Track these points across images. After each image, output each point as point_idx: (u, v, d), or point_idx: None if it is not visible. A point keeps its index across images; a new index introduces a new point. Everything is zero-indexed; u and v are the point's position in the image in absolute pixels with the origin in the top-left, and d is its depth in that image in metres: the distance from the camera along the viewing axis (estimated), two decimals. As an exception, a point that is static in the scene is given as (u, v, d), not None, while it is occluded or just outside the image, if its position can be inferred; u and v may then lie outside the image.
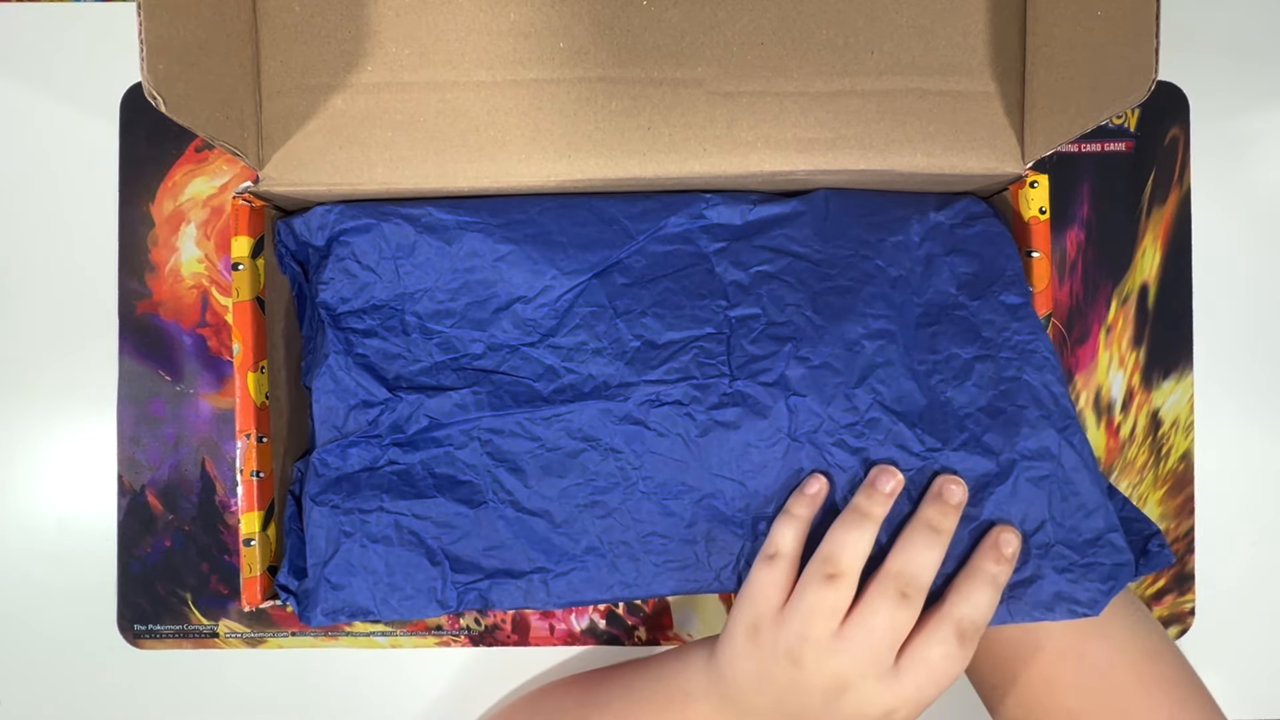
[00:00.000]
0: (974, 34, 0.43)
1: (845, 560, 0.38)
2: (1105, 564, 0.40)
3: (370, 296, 0.44)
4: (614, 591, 0.42)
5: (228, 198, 0.52)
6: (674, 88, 0.43)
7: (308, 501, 0.42)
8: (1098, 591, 0.40)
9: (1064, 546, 0.41)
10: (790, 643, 0.38)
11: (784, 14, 0.43)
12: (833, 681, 0.37)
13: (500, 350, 0.43)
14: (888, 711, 0.37)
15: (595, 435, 0.42)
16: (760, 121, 0.43)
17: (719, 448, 0.41)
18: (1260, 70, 0.53)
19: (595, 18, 0.43)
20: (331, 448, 0.42)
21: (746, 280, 0.43)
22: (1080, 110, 0.38)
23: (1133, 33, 0.34)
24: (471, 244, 0.43)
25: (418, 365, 0.43)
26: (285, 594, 0.42)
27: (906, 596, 0.37)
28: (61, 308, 0.52)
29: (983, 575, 0.38)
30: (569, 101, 0.43)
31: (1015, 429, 0.41)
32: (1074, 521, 0.41)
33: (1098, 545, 0.41)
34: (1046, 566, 0.40)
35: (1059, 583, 0.40)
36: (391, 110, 0.43)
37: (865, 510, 0.39)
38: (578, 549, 0.42)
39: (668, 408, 0.42)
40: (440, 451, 0.42)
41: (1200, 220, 0.53)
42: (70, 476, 0.52)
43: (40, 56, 0.52)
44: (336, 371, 0.43)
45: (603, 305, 0.43)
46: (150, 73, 0.34)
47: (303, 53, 0.43)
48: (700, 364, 0.42)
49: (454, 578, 0.41)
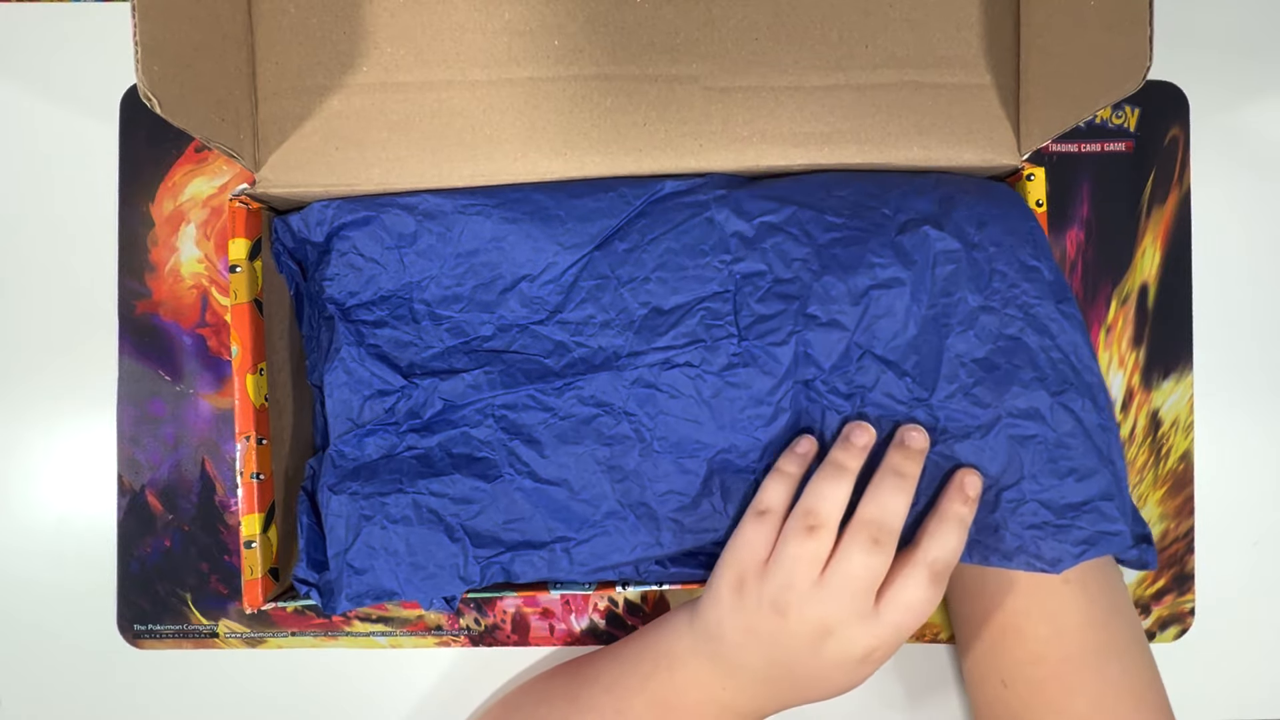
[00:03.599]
0: (968, 26, 0.43)
1: (824, 511, 0.39)
2: (1085, 529, 0.41)
3: (377, 288, 0.44)
4: (636, 553, 0.42)
5: (228, 198, 0.52)
6: (669, 84, 0.43)
7: (325, 493, 0.42)
8: (1065, 552, 0.41)
9: (1039, 504, 0.41)
10: (775, 594, 0.39)
11: (778, 9, 0.43)
12: (816, 627, 0.39)
13: (510, 330, 0.44)
14: (869, 651, 0.39)
15: (608, 400, 0.42)
16: (756, 117, 0.43)
17: (730, 405, 0.42)
18: (1261, 70, 0.53)
19: (590, 15, 0.43)
20: (348, 438, 0.43)
21: (750, 232, 0.43)
22: (1076, 101, 0.38)
23: (1126, 21, 0.34)
24: (472, 227, 0.43)
25: (430, 351, 0.44)
26: (305, 587, 0.43)
27: (878, 542, 0.38)
28: (61, 308, 0.52)
29: (950, 516, 0.40)
30: (564, 99, 0.43)
31: (1005, 386, 0.41)
32: (1057, 484, 0.41)
33: (1081, 510, 0.41)
34: (1013, 520, 0.41)
35: (1022, 537, 0.41)
36: (387, 110, 0.43)
37: (841, 463, 0.40)
38: (597, 514, 0.42)
39: (678, 370, 0.42)
40: (456, 432, 0.43)
41: (1200, 220, 0.53)
42: (70, 476, 0.52)
43: (40, 56, 0.53)
44: (349, 364, 0.43)
45: (606, 276, 0.43)
46: (145, 75, 0.34)
47: (298, 54, 0.43)
48: (708, 326, 0.42)
49: (475, 552, 0.42)
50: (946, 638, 0.53)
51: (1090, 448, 0.41)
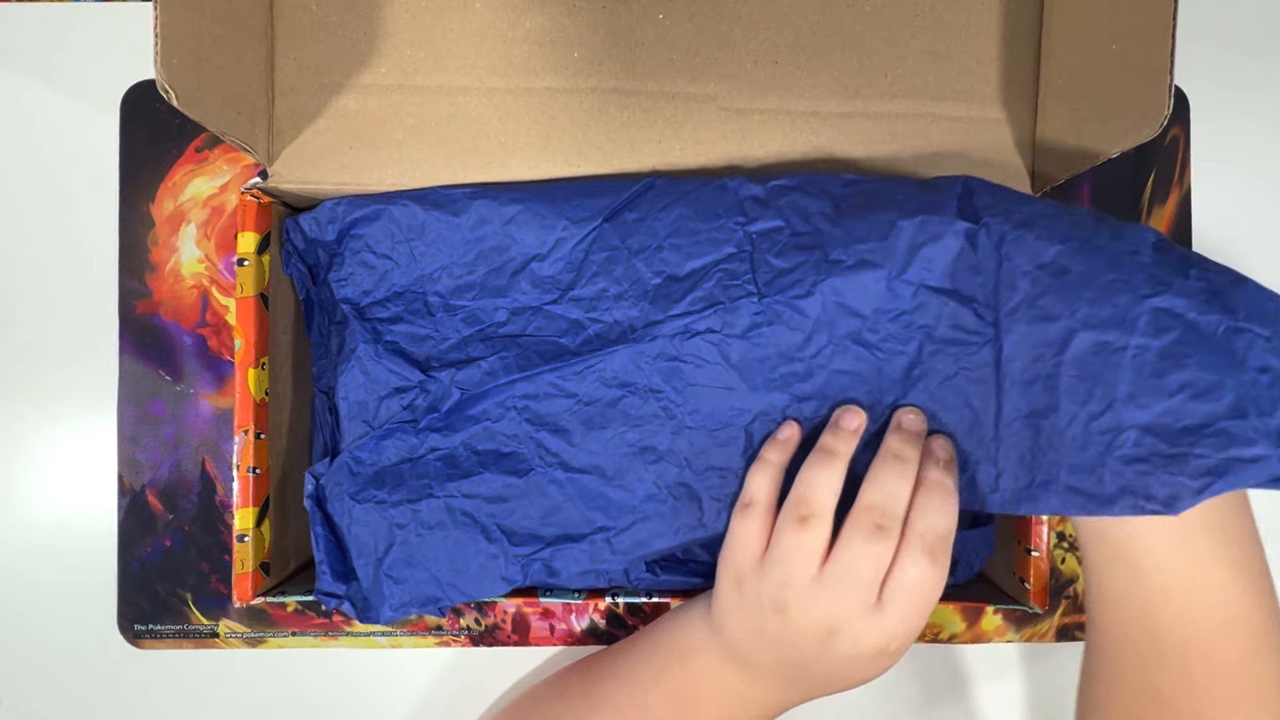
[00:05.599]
0: (987, 62, 0.43)
1: (817, 500, 0.37)
2: (1207, 456, 0.33)
3: (391, 284, 0.43)
4: (681, 536, 0.41)
5: (228, 198, 0.52)
6: (686, 102, 0.43)
7: (346, 501, 0.42)
8: (1181, 487, 0.33)
9: (1141, 431, 0.34)
10: (773, 591, 0.37)
11: (799, 34, 0.43)
12: (820, 625, 0.37)
13: (524, 313, 0.43)
14: (879, 649, 0.37)
15: (631, 379, 0.41)
16: (771, 140, 0.43)
17: (760, 366, 0.39)
18: (1261, 70, 0.53)
19: (610, 29, 0.43)
20: (363, 443, 0.42)
21: (763, 194, 0.41)
22: (1092, 142, 0.39)
23: (1148, 68, 0.35)
24: (479, 211, 0.43)
25: (447, 343, 0.43)
26: (333, 600, 0.42)
27: (881, 528, 0.36)
28: (61, 308, 0.52)
29: (928, 485, 0.37)
30: (581, 111, 0.43)
31: (1078, 292, 0.35)
32: (1166, 402, 0.34)
33: (1201, 434, 0.34)
34: (1111, 456, 0.34)
35: (1124, 474, 0.34)
36: (403, 112, 0.43)
37: (832, 449, 0.38)
38: (635, 499, 0.41)
39: (699, 338, 0.40)
40: (479, 429, 0.42)
41: (1200, 220, 0.53)
42: (70, 476, 0.52)
43: (40, 56, 0.51)
44: (366, 363, 0.42)
45: (617, 248, 0.42)
46: (164, 67, 0.34)
47: (317, 51, 0.43)
48: (725, 287, 0.40)
49: (514, 551, 0.41)
50: (947, 638, 0.54)
51: (1209, 354, 0.34)
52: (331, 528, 0.43)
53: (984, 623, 0.53)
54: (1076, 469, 0.35)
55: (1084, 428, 0.35)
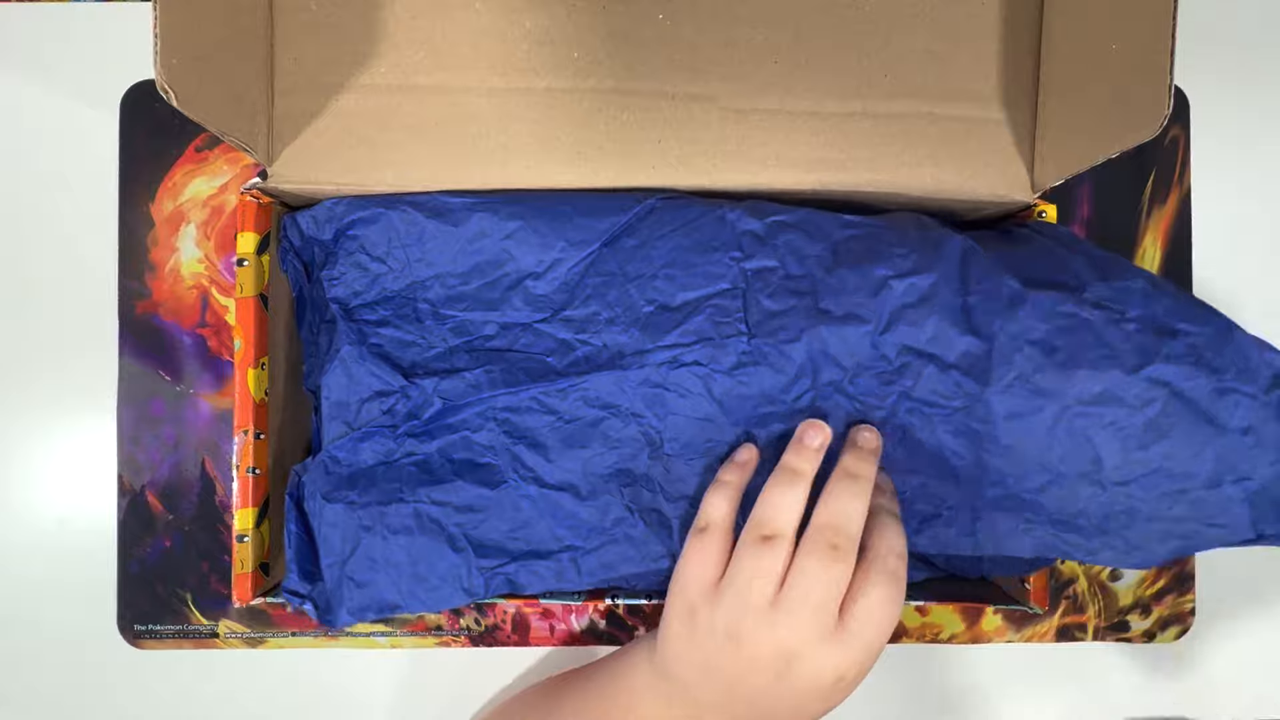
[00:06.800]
0: (987, 61, 0.43)
1: (779, 521, 0.36)
2: (1185, 520, 0.37)
3: (382, 288, 0.43)
4: (648, 564, 0.41)
5: (228, 198, 0.52)
6: (686, 102, 0.43)
7: (318, 501, 0.41)
8: (1152, 551, 0.37)
9: (1122, 492, 0.37)
10: (728, 619, 0.36)
11: (799, 34, 0.43)
12: (776, 653, 0.35)
13: (513, 329, 0.43)
14: (839, 676, 0.35)
15: (614, 402, 0.41)
16: (771, 139, 0.43)
17: (742, 404, 0.40)
18: (1261, 70, 0.53)
19: (610, 30, 0.43)
20: (342, 443, 0.42)
21: (761, 230, 0.42)
22: (1091, 142, 0.38)
23: (1147, 68, 0.35)
24: (479, 224, 0.43)
25: (432, 351, 0.43)
26: (297, 599, 0.42)
27: (837, 548, 0.35)
28: (61, 308, 0.52)
29: (879, 510, 0.37)
30: (580, 111, 0.43)
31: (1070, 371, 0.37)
32: (1147, 472, 0.36)
33: (1178, 499, 0.37)
34: (1090, 509, 0.37)
35: (1106, 527, 0.37)
36: (403, 112, 0.43)
37: (794, 468, 0.37)
38: (606, 521, 0.41)
39: (685, 369, 0.40)
40: (457, 437, 0.42)
41: (1200, 220, 0.53)
42: (70, 476, 0.52)
43: (40, 56, 0.52)
44: (350, 364, 0.42)
45: (613, 273, 0.42)
46: (164, 67, 0.34)
47: (317, 51, 0.43)
48: (716, 323, 0.40)
49: (479, 563, 0.41)
50: (947, 638, 0.54)
51: (1192, 424, 0.36)
52: (305, 526, 0.42)
53: (984, 623, 0.53)
54: (1060, 523, 0.38)
55: (1070, 489, 0.37)
